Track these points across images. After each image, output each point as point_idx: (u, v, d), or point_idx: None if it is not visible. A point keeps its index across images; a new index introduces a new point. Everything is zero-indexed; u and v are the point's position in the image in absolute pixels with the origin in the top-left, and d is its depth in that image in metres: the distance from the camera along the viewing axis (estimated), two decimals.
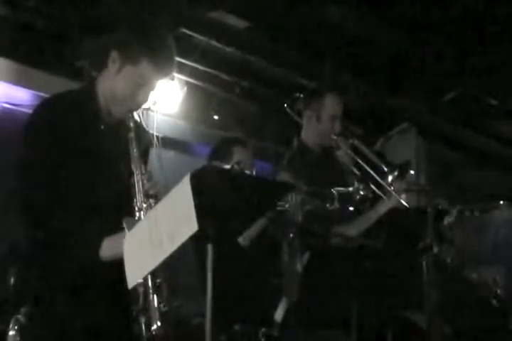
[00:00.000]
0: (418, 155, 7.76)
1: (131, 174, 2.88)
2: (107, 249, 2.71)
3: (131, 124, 2.95)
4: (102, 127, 2.95)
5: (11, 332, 2.65)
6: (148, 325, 2.69)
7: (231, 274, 3.80)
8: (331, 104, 4.36)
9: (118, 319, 2.82)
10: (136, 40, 2.92)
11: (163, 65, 2.93)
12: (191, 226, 2.35)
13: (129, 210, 2.84)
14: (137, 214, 2.82)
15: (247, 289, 3.92)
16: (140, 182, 2.87)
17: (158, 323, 2.68)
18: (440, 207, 3.94)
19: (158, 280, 2.76)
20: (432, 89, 7.00)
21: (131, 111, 2.97)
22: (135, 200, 2.85)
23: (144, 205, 2.84)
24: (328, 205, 3.73)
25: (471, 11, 5.49)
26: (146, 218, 2.62)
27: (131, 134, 2.93)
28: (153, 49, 2.89)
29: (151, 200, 2.86)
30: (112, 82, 2.94)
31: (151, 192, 2.88)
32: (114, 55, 2.92)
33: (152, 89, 2.98)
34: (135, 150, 2.91)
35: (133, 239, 2.59)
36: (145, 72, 2.90)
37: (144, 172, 2.90)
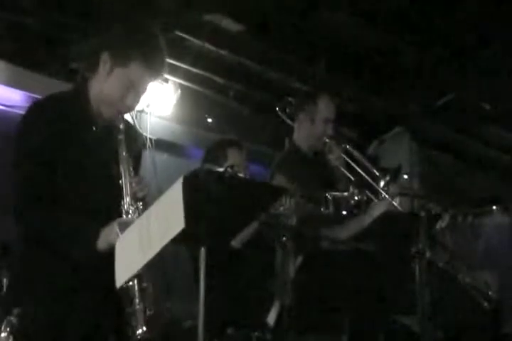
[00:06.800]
0: (411, 160, 7.76)
1: (121, 176, 2.88)
2: (101, 238, 2.72)
3: (121, 126, 2.94)
4: (94, 128, 2.95)
5: (3, 334, 2.64)
6: (135, 329, 2.70)
7: (224, 277, 3.80)
8: (324, 107, 4.37)
9: (111, 321, 2.82)
10: (127, 41, 2.90)
11: (153, 68, 2.92)
12: (178, 224, 2.35)
13: (121, 213, 2.84)
14: (124, 217, 2.82)
15: (239, 292, 3.92)
16: (128, 185, 2.86)
17: (144, 328, 2.69)
18: (433, 211, 3.93)
19: (144, 284, 2.76)
20: (425, 93, 7.01)
21: (121, 113, 2.96)
22: (123, 203, 2.84)
23: (132, 208, 2.84)
24: (322, 209, 3.74)
25: (468, 14, 5.49)
26: (138, 221, 2.62)
27: (121, 136, 2.92)
28: (143, 51, 2.88)
29: (139, 203, 2.86)
30: (102, 83, 2.93)
31: (139, 195, 2.87)
32: (105, 56, 2.91)
33: (143, 92, 2.97)
34: (124, 152, 2.91)
35: (124, 242, 2.59)
36: (135, 74, 2.89)
37: (132, 174, 2.89)
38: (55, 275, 2.78)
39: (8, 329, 2.64)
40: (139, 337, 2.68)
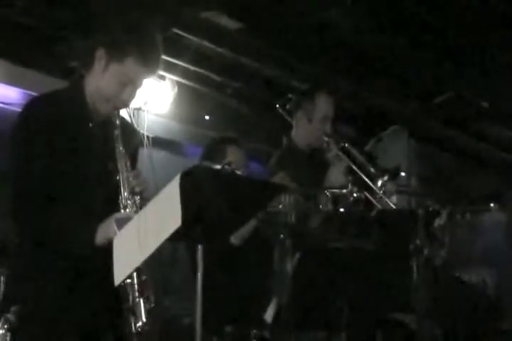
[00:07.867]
0: (409, 157, 7.77)
1: (118, 172, 2.88)
2: (99, 233, 2.72)
3: (117, 122, 2.95)
4: (91, 125, 2.95)
5: (1, 331, 2.64)
6: (134, 322, 2.70)
7: (222, 274, 3.80)
8: (323, 105, 4.37)
9: (108, 318, 2.82)
10: (123, 37, 2.91)
11: (149, 63, 2.93)
12: (175, 221, 2.36)
13: (118, 208, 2.84)
14: (122, 211, 2.82)
15: (238, 289, 3.92)
16: (126, 180, 2.87)
17: (144, 320, 2.69)
18: (431, 208, 3.93)
19: (143, 277, 2.77)
20: (423, 91, 7.01)
21: (117, 109, 2.97)
22: (120, 198, 2.85)
23: (129, 202, 2.84)
24: (321, 207, 3.74)
25: (466, 13, 5.49)
26: (136, 218, 2.62)
27: (117, 132, 2.93)
28: (139, 47, 2.88)
29: (136, 198, 2.87)
30: (98, 79, 2.94)
31: (137, 189, 2.88)
32: (100, 52, 2.92)
33: (138, 88, 2.98)
34: (120, 147, 2.91)
35: (122, 239, 2.59)
36: (131, 70, 2.90)
37: (129, 169, 2.89)
38: (53, 273, 2.78)
39: (5, 326, 2.64)
40: (139, 329, 2.68)
